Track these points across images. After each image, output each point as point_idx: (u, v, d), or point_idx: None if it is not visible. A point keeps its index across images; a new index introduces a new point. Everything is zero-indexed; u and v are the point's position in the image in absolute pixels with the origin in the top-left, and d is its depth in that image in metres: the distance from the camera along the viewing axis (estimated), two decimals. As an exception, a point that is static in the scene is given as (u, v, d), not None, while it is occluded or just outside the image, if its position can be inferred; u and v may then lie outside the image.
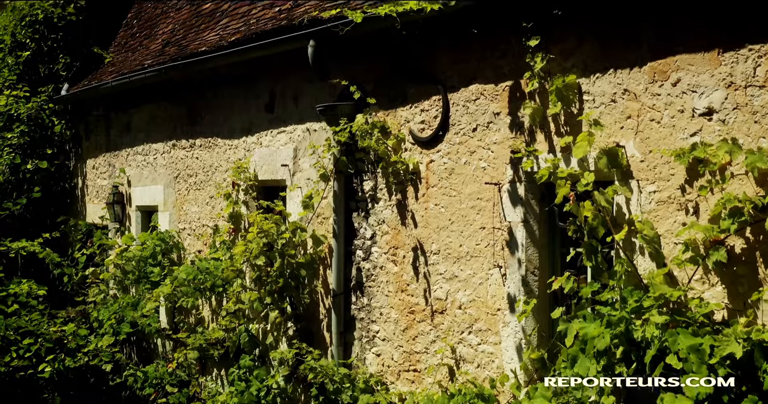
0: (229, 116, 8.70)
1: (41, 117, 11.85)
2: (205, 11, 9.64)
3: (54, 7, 11.75)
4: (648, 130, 4.93)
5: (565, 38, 5.37)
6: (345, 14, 5.95)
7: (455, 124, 6.15)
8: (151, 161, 10.16)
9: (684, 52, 4.74)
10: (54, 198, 12.15)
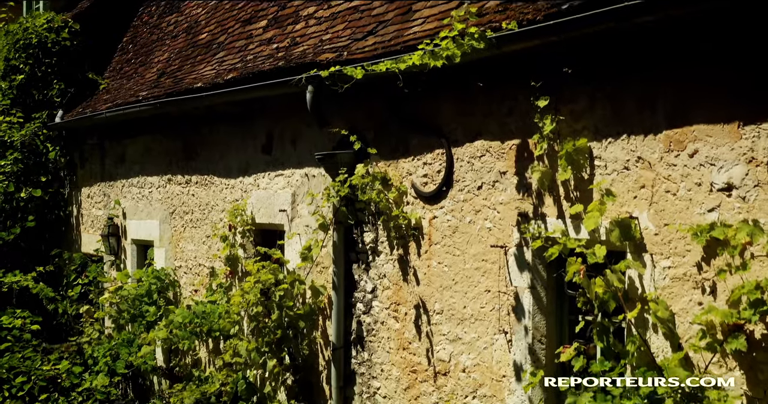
0: (225, 154, 8.45)
1: (35, 143, 11.60)
2: (201, 42, 9.38)
3: (48, 32, 11.49)
4: (663, 202, 4.68)
5: (576, 98, 5.12)
6: (345, 72, 5.69)
7: (459, 180, 5.91)
8: (146, 194, 9.92)
9: (702, 123, 4.49)
10: (48, 226, 11.90)
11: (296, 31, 7.69)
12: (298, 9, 7.94)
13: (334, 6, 7.44)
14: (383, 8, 6.81)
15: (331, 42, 6.99)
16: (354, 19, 7.05)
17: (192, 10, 10.36)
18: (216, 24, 9.36)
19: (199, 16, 9.98)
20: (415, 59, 5.35)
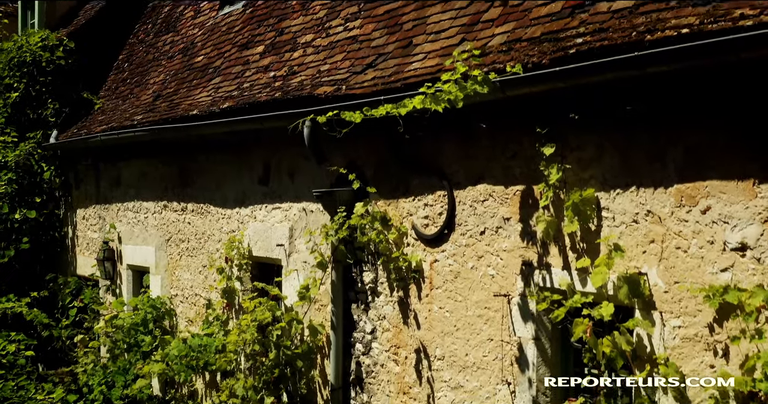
0: (221, 183, 8.27)
1: (30, 163, 11.41)
2: (197, 65, 9.18)
3: (43, 51, 11.29)
4: (673, 258, 4.49)
5: (583, 146, 4.93)
6: (343, 116, 5.50)
7: (461, 224, 5.72)
8: (141, 219, 9.74)
9: (715, 178, 4.31)
10: (43, 248, 11.71)
11: (294, 59, 7.50)
12: (296, 36, 7.75)
13: (332, 35, 7.24)
14: (383, 40, 6.62)
15: (330, 73, 6.80)
16: (353, 49, 6.86)
17: (188, 31, 10.16)
18: (212, 47, 9.17)
19: (196, 37, 9.78)
20: (416, 103, 5.16)
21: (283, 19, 8.17)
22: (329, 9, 7.59)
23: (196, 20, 10.17)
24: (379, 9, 6.94)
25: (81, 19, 12.41)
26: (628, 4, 4.79)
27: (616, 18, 4.81)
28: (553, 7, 5.29)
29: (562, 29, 5.06)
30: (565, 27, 5.06)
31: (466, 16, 5.98)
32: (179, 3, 10.99)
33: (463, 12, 6.03)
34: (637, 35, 4.50)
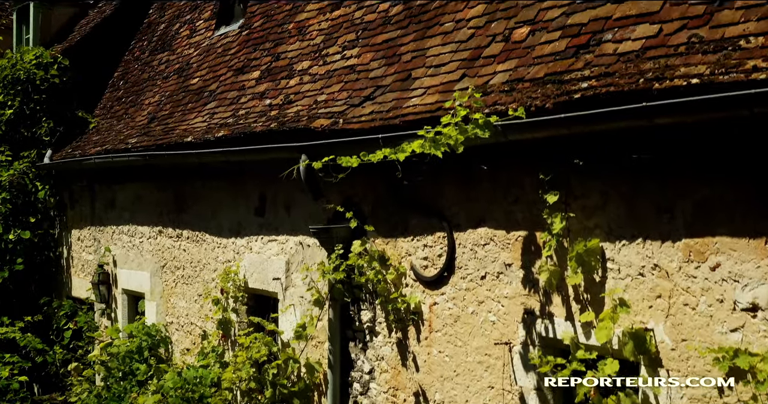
0: (216, 211, 8.10)
1: (24, 182, 11.24)
2: (192, 87, 9.00)
3: (37, 69, 11.11)
4: (681, 315, 4.32)
5: (588, 194, 4.76)
6: (339, 162, 5.32)
7: (462, 267, 5.55)
8: (137, 244, 9.57)
9: (725, 235, 4.14)
10: (37, 269, 11.53)
11: (290, 87, 7.33)
12: (293, 62, 7.57)
13: (329, 63, 7.07)
14: (381, 71, 6.44)
15: (327, 105, 6.62)
16: (350, 79, 6.68)
17: (184, 50, 9.98)
18: (208, 69, 8.99)
19: (191, 58, 9.60)
20: (414, 146, 4.98)
21: (280, 43, 8.00)
22: (326, 35, 7.42)
23: (192, 40, 10.00)
24: (378, 38, 6.77)
25: (76, 35, 12.22)
26: (635, 47, 4.61)
27: (623, 61, 4.63)
28: (557, 46, 5.11)
29: (566, 70, 4.88)
30: (570, 68, 4.88)
31: (467, 50, 5.80)
32: (175, 21, 10.82)
33: (464, 46, 5.85)
34: (645, 83, 4.33)
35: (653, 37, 4.58)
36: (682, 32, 4.47)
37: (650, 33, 4.61)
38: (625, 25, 4.83)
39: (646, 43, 4.59)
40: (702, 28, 4.39)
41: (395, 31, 6.66)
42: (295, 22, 8.01)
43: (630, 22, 4.80)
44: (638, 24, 4.75)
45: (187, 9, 10.73)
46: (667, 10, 4.64)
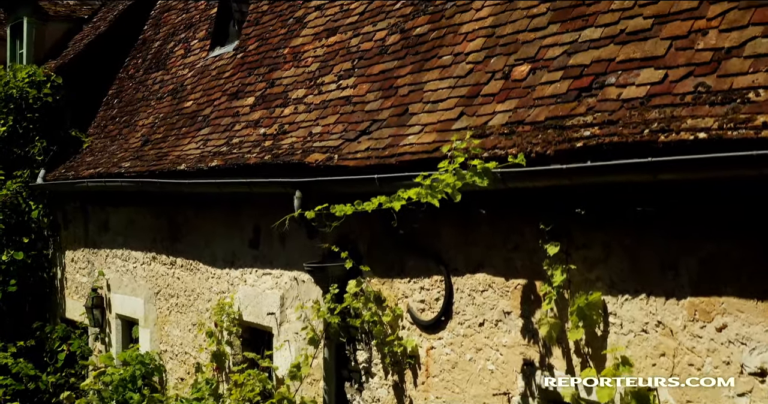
0: (210, 241, 7.94)
1: (17, 201, 11.08)
2: (186, 111, 8.84)
3: (30, 87, 10.95)
4: (685, 375, 4.16)
5: (590, 245, 4.60)
6: (333, 212, 5.17)
7: (459, 312, 5.39)
8: (130, 268, 9.42)
9: (732, 295, 3.97)
10: (31, 290, 11.35)
11: (284, 116, 7.16)
12: (287, 89, 7.41)
13: (324, 93, 6.90)
14: (377, 104, 6.27)
15: (322, 138, 6.46)
16: (346, 111, 6.52)
17: (178, 70, 9.81)
18: (202, 92, 8.82)
19: (185, 79, 9.43)
20: (411, 194, 4.82)
21: (275, 68, 7.83)
22: (321, 62, 7.25)
23: (186, 60, 9.83)
24: (374, 68, 6.60)
25: (70, 51, 12.05)
26: (640, 94, 4.44)
27: (627, 108, 4.46)
28: (559, 87, 4.94)
29: (568, 115, 4.72)
30: (571, 112, 4.72)
31: (465, 86, 5.63)
32: (170, 39, 10.65)
33: (463, 81, 5.68)
34: (650, 134, 4.16)
35: (658, 83, 4.41)
36: (689, 79, 4.30)
37: (655, 79, 4.44)
38: (629, 68, 4.66)
39: (651, 90, 4.42)
40: (709, 77, 4.22)
41: (392, 62, 6.49)
42: (291, 47, 7.84)
43: (634, 66, 4.63)
44: (642, 68, 4.58)
45: (182, 27, 10.56)
46: (672, 55, 4.48)
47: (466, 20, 6.09)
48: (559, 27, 5.29)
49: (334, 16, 7.61)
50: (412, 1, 6.81)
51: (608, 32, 4.94)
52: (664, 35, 4.61)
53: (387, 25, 6.88)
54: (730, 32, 4.30)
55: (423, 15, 6.58)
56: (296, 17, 8.14)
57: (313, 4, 8.05)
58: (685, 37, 4.51)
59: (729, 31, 4.31)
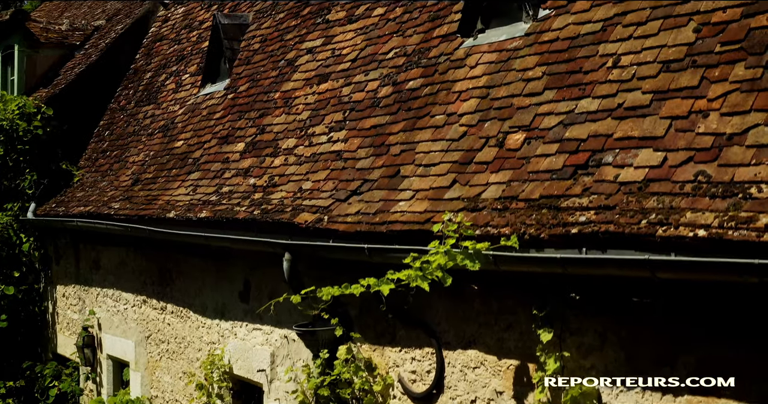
0: (201, 289, 7.78)
1: (8, 234, 10.91)
2: (176, 151, 8.65)
3: (20, 120, 10.77)
4: (686, 477, 4.01)
5: (584, 331, 4.44)
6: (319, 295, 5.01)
7: (451, 387, 5.22)
8: (121, 310, 9.26)
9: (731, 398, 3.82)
10: (22, 324, 11.17)
11: (274, 167, 6.99)
12: (278, 137, 7.23)
13: (315, 145, 6.73)
14: (368, 162, 6.10)
15: (311, 195, 6.29)
16: (336, 167, 6.34)
17: (169, 106, 9.63)
18: (192, 132, 8.65)
19: (176, 115, 9.26)
20: (401, 276, 4.67)
21: (265, 114, 7.65)
22: (312, 111, 7.08)
23: (178, 95, 9.65)
24: (366, 122, 6.43)
25: (62, 80, 11.85)
26: (638, 178, 4.27)
27: (624, 193, 4.29)
28: (554, 162, 4.77)
29: (563, 194, 4.55)
30: (567, 192, 4.55)
31: (458, 150, 5.45)
32: (161, 71, 10.46)
33: (456, 145, 5.50)
34: (648, 226, 3.99)
35: (657, 167, 4.24)
36: (689, 166, 4.13)
37: (654, 162, 4.27)
38: (626, 146, 4.49)
39: (649, 174, 4.25)
40: (710, 165, 4.05)
41: (384, 117, 6.32)
42: (281, 92, 7.67)
43: (632, 145, 4.46)
44: (641, 148, 4.41)
45: (174, 59, 10.38)
46: (672, 137, 4.31)
47: (460, 78, 5.92)
48: (555, 94, 5.12)
49: (325, 61, 7.44)
50: (405, 52, 6.64)
51: (606, 104, 4.78)
52: (664, 114, 4.44)
53: (379, 75, 6.71)
54: (731, 117, 4.13)
55: (416, 67, 6.41)
56: (287, 59, 7.96)
57: (305, 46, 7.88)
58: (685, 117, 4.34)
59: (731, 116, 4.14)
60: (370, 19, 7.33)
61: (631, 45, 4.89)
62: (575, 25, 5.37)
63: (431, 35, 6.54)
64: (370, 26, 7.27)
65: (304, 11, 8.33)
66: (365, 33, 7.26)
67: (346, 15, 7.69)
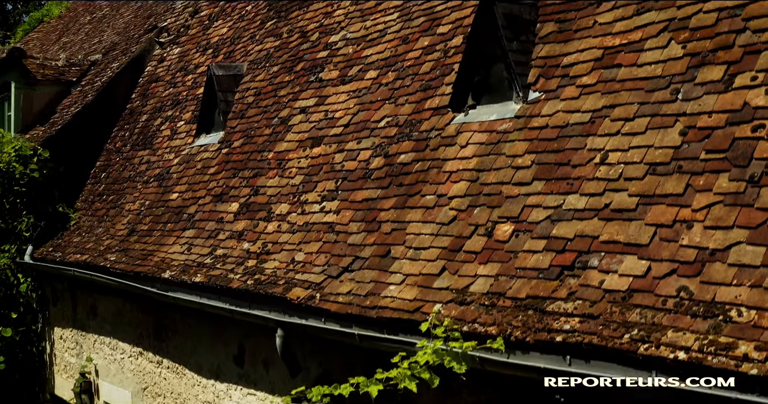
0: (196, 348, 7.84)
1: (5, 275, 10.97)
2: (171, 204, 8.70)
3: (17, 162, 10.82)
4: None
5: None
6: (309, 397, 5.06)
7: (443, 475, 5.30)
8: (118, 359, 9.33)
9: None
10: (19, 367, 11.23)
11: (268, 232, 7.04)
12: (271, 201, 7.28)
13: (308, 213, 6.78)
14: (360, 238, 6.14)
15: (304, 268, 6.34)
16: (329, 240, 6.39)
17: (165, 154, 9.66)
18: (187, 185, 8.69)
19: (171, 165, 9.29)
20: (389, 375, 4.73)
21: (259, 174, 7.70)
22: (305, 176, 7.12)
23: (173, 142, 9.68)
24: (357, 194, 6.47)
25: (58, 118, 11.89)
26: (622, 287, 4.33)
27: (609, 301, 4.35)
28: (540, 260, 4.83)
29: (549, 297, 4.61)
30: (553, 294, 4.61)
31: (448, 236, 5.50)
32: (157, 114, 10.50)
33: (446, 230, 5.55)
34: (630, 343, 4.06)
35: (641, 277, 4.31)
36: (671, 279, 4.19)
37: (638, 271, 4.33)
38: (612, 251, 4.55)
39: (633, 284, 4.31)
40: (692, 280, 4.11)
41: (375, 190, 6.36)
42: (275, 153, 7.71)
43: (617, 250, 4.52)
44: (626, 254, 4.47)
45: (169, 103, 10.42)
46: (656, 246, 4.36)
47: (451, 156, 5.97)
48: (544, 186, 5.17)
49: (318, 123, 7.48)
50: (397, 122, 6.68)
51: (593, 203, 4.83)
52: (649, 220, 4.50)
53: (371, 144, 6.75)
54: (715, 230, 4.19)
55: (407, 140, 6.45)
56: (281, 117, 8.00)
57: (298, 105, 7.91)
58: (670, 226, 4.40)
59: (714, 229, 4.20)
60: (363, 81, 7.38)
61: (619, 142, 4.94)
62: (564, 112, 5.42)
63: (423, 106, 6.59)
64: (362, 89, 7.31)
65: (298, 67, 8.37)
66: (358, 96, 7.30)
67: (339, 75, 7.73)
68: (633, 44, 5.33)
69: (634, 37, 5.34)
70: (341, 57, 7.92)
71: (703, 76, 4.76)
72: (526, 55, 5.97)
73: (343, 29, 8.22)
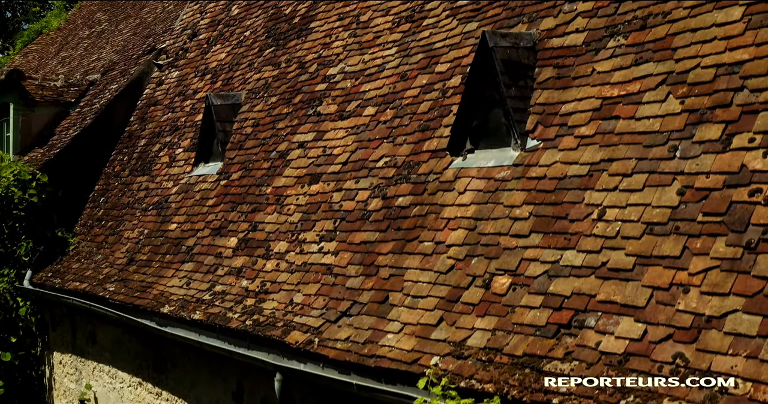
0: (195, 383, 7.86)
1: (4, 299, 10.99)
2: (170, 234, 8.71)
3: (16, 188, 10.83)
4: None
5: None
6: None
7: None
8: (117, 387, 9.35)
9: None
10: (19, 390, 11.26)
11: (266, 271, 7.05)
12: (269, 238, 7.29)
13: (306, 253, 6.79)
14: (358, 282, 6.16)
15: (302, 311, 6.36)
16: (327, 283, 6.41)
17: (163, 181, 9.68)
18: (186, 217, 8.70)
19: (170, 195, 9.30)
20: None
21: (258, 209, 7.71)
22: (304, 214, 7.13)
23: (171, 170, 9.69)
24: (356, 236, 6.49)
25: (56, 140, 11.90)
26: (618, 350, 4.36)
27: (605, 364, 4.37)
28: (538, 317, 4.84)
29: (546, 356, 4.63)
30: (549, 353, 4.62)
31: (446, 285, 5.52)
32: (155, 140, 10.51)
33: (444, 279, 5.56)
34: (627, 418, 4.08)
35: (637, 340, 4.32)
36: (667, 344, 4.21)
37: (634, 335, 4.34)
38: (608, 311, 4.56)
39: (629, 347, 4.33)
40: (688, 346, 4.12)
41: (374, 233, 6.37)
42: (273, 188, 7.72)
43: (614, 310, 4.54)
44: (622, 315, 4.48)
45: (168, 129, 10.42)
46: (653, 309, 4.38)
47: (449, 202, 5.98)
48: (542, 239, 5.18)
49: (317, 159, 7.48)
50: (395, 162, 6.69)
51: (590, 261, 4.84)
52: (646, 282, 4.51)
53: (369, 184, 6.76)
54: (711, 297, 4.20)
55: (405, 182, 6.46)
56: (279, 151, 8.01)
57: (296, 139, 7.92)
58: (666, 289, 4.41)
59: (710, 295, 4.21)
60: (361, 118, 7.38)
61: (617, 198, 4.95)
62: (562, 163, 5.42)
63: (421, 147, 6.60)
64: (361, 126, 7.32)
65: (296, 99, 8.37)
66: (356, 133, 7.30)
67: (338, 109, 7.73)
68: (631, 96, 5.33)
69: (633, 89, 5.35)
70: (339, 91, 7.92)
71: (701, 135, 4.76)
72: (524, 101, 5.98)
73: (341, 62, 8.22)
